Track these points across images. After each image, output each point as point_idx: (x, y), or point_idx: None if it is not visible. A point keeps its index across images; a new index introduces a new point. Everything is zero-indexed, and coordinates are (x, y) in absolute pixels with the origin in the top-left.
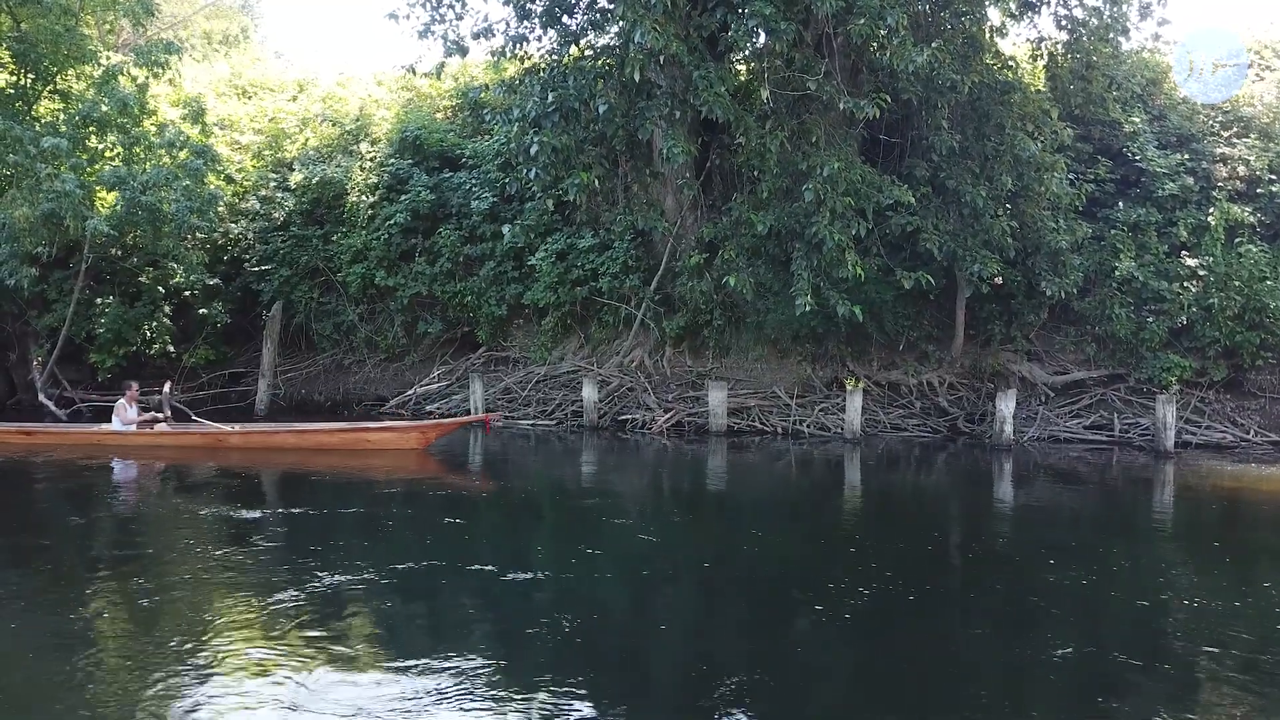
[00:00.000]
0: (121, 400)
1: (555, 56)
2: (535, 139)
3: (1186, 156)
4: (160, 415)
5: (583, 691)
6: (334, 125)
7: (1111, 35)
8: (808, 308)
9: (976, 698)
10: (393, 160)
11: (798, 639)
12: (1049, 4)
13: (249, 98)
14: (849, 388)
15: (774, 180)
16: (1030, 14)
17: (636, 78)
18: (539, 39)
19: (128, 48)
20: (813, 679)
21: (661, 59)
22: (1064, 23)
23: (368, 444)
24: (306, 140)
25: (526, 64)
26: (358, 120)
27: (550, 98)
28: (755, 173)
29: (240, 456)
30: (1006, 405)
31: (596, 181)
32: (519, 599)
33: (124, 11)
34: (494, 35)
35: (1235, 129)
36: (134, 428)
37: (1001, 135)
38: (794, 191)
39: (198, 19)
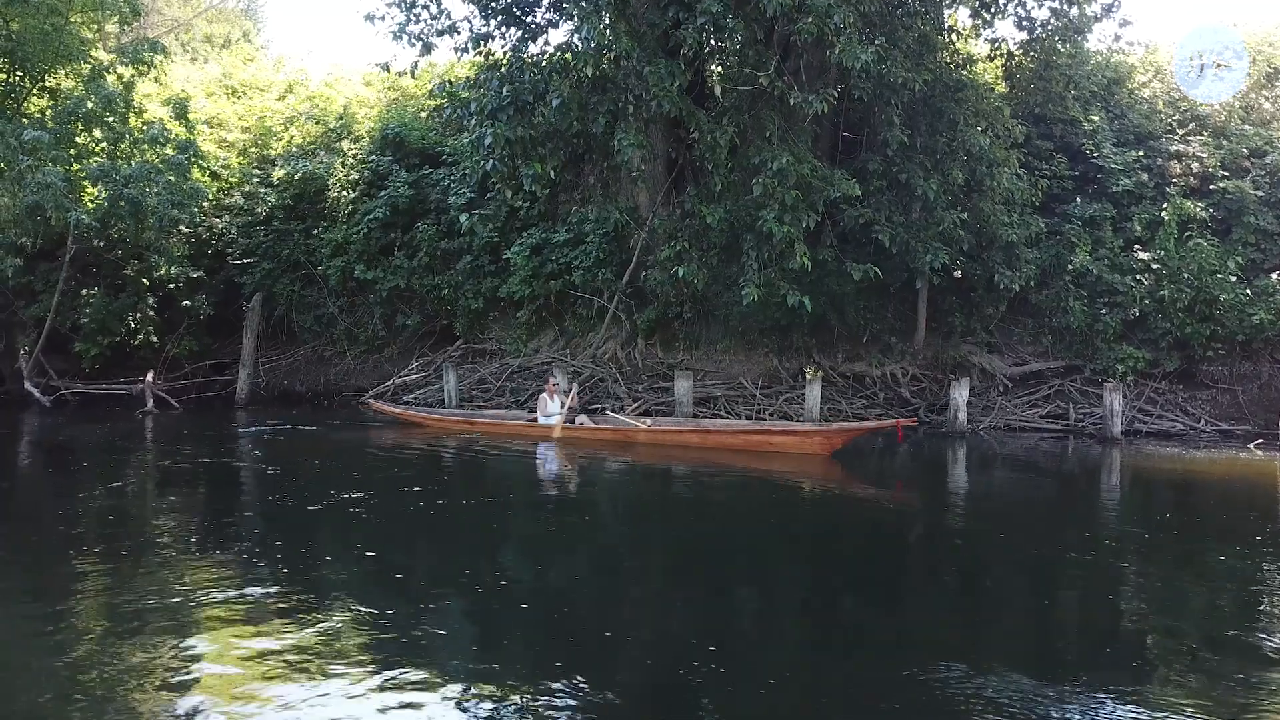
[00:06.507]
0: (544, 394)
1: (516, 53)
2: (490, 131)
3: (1142, 153)
4: (575, 406)
5: None
6: (318, 124)
7: (1071, 34)
8: (754, 298)
9: (927, 677)
10: (374, 157)
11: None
12: (1010, 3)
13: (238, 97)
14: (809, 377)
15: (726, 174)
16: (987, 13)
17: (589, 73)
18: (503, 35)
19: (121, 48)
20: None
21: (613, 55)
22: (1024, 23)
23: (770, 446)
24: (291, 138)
25: (489, 60)
26: (341, 119)
27: (505, 91)
28: (709, 167)
29: (647, 451)
30: (960, 394)
31: (552, 173)
32: None
33: (111, 11)
34: (459, 33)
35: (1191, 126)
36: (557, 420)
37: (954, 131)
38: (748, 185)
39: (199, 23)
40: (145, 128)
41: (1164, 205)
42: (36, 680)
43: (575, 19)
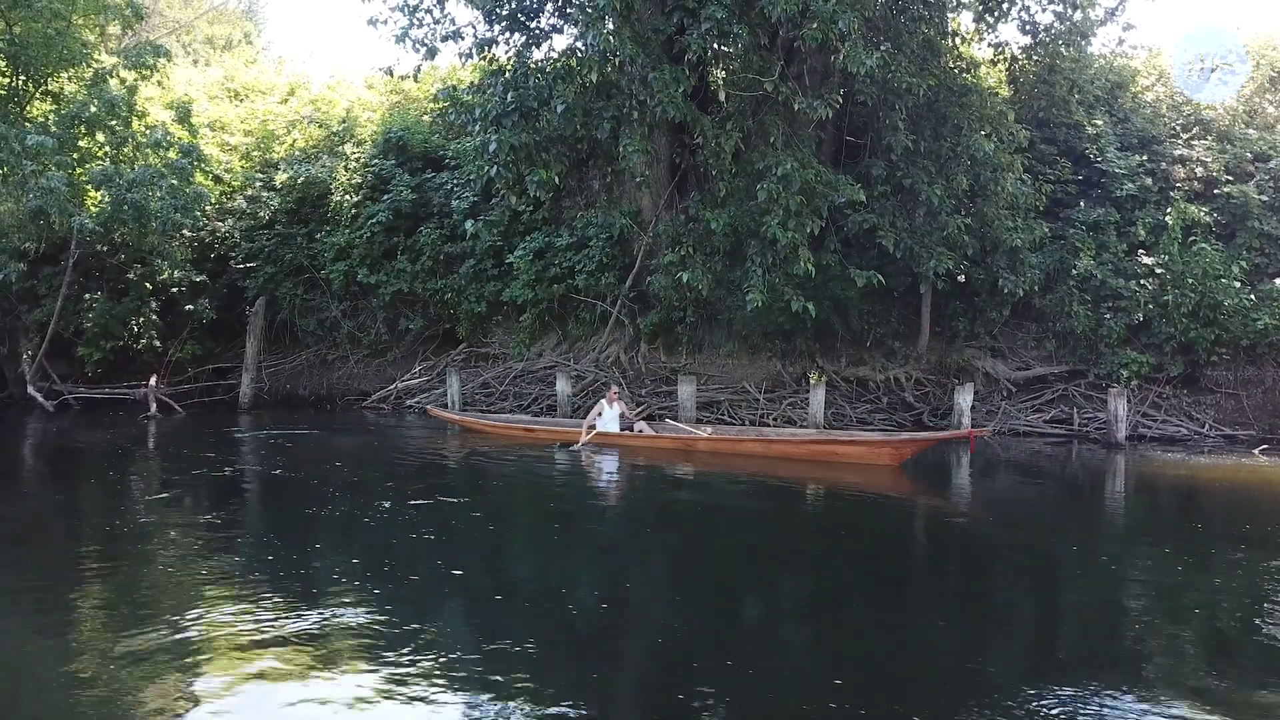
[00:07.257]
0: (602, 401)
1: (520, 58)
2: (494, 137)
3: (1145, 158)
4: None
5: None
6: (321, 127)
7: (1075, 38)
8: (758, 303)
9: (933, 677)
10: (376, 161)
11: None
12: (1014, 7)
13: (240, 100)
14: (813, 382)
15: (730, 179)
16: (991, 16)
17: (593, 79)
18: (507, 41)
19: (125, 51)
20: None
21: (618, 60)
22: (1027, 28)
23: (836, 456)
24: (294, 142)
25: (493, 66)
26: (344, 122)
27: (510, 97)
28: (714, 172)
29: (707, 460)
30: (964, 398)
31: (557, 179)
32: None
33: (114, 15)
34: (463, 38)
35: (1195, 131)
36: (616, 427)
37: (958, 136)
38: (752, 190)
39: (200, 24)
40: (148, 132)
41: (1168, 210)
42: (40, 682)
43: (579, 24)
